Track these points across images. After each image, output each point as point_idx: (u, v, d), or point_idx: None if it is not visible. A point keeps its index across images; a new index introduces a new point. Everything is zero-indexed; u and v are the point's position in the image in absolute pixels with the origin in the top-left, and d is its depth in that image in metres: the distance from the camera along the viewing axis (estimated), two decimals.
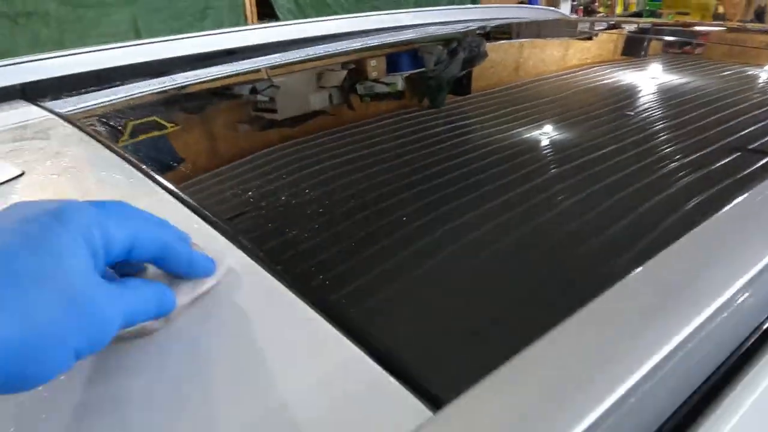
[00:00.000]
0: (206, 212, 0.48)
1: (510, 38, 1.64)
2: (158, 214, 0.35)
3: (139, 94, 1.01)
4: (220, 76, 1.14)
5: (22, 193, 0.55)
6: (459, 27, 1.68)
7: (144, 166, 0.59)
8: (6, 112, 0.91)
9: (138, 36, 3.77)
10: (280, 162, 0.65)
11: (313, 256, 0.43)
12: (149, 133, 0.80)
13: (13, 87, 1.00)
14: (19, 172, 0.58)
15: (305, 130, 0.81)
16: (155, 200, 0.51)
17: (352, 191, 0.55)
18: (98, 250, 0.27)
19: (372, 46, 1.42)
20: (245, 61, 1.26)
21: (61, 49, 1.14)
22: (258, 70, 1.21)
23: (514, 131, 0.73)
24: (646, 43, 1.54)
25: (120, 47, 1.22)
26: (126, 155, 0.63)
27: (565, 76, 1.09)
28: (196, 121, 0.92)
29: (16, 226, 0.25)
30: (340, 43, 1.41)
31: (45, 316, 0.23)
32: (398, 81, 1.14)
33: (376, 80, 1.14)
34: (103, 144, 0.68)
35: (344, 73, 1.20)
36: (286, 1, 4.56)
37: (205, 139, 0.84)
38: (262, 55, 1.29)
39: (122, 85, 1.05)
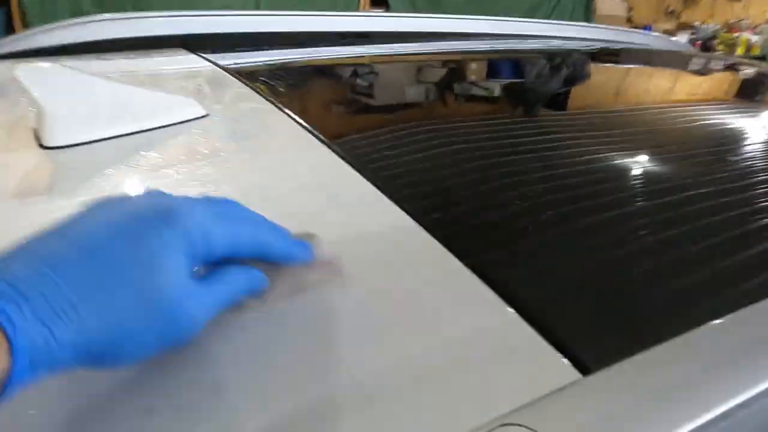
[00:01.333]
0: (354, 162, 0.54)
1: (618, 62, 1.63)
2: (319, 166, 0.40)
3: (289, 60, 1.10)
4: (361, 55, 1.22)
5: (207, 132, 0.63)
6: (574, 44, 1.68)
7: (302, 121, 0.66)
8: (173, 57, 1.02)
9: (258, 2, 3.98)
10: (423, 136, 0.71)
11: (472, 221, 0.48)
12: (300, 94, 0.88)
13: (176, 37, 1.12)
14: (204, 113, 0.66)
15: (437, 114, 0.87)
16: (315, 154, 0.58)
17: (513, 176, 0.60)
18: (197, 253, 0.28)
19: (485, 50, 1.46)
20: (374, 45, 1.33)
21: (218, 9, 1.25)
22: (389, 56, 1.28)
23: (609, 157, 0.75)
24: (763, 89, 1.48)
25: (261, 15, 1.33)
26: (286, 109, 0.71)
27: (667, 110, 1.08)
28: (341, 89, 1.00)
29: (126, 223, 0.27)
30: (458, 43, 1.46)
31: (124, 318, 0.25)
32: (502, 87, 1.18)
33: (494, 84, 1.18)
34: (268, 99, 0.76)
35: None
36: None
37: (347, 107, 0.91)
38: (393, 42, 1.36)
39: (270, 49, 1.15)
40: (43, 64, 0.56)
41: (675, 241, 0.49)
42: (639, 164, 0.69)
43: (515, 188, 0.57)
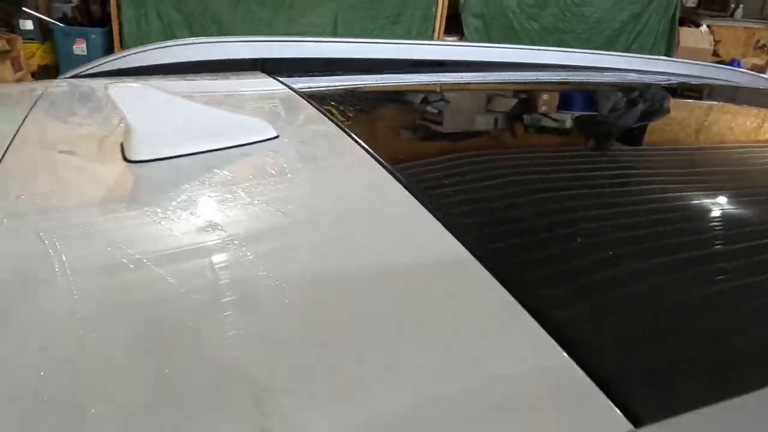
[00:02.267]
0: (412, 185, 0.54)
1: (700, 98, 1.56)
2: (378, 192, 0.40)
3: (360, 86, 1.13)
4: (432, 83, 1.23)
5: (277, 153, 0.65)
6: (658, 79, 1.62)
7: (367, 146, 0.67)
8: (251, 80, 1.07)
9: (335, 28, 4.12)
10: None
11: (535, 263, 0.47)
12: (368, 119, 0.90)
13: (254, 60, 1.17)
14: (275, 135, 0.69)
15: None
16: (376, 179, 0.59)
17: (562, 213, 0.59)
18: None
19: (561, 81, 1.43)
20: (446, 74, 1.34)
21: (292, 35, 1.30)
22: (457, 84, 1.29)
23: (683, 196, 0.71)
24: None
25: (337, 42, 1.37)
26: (353, 134, 0.72)
27: (751, 150, 1.02)
28: (410, 116, 1.02)
29: None
30: (537, 73, 1.44)
31: None
32: (578, 120, 1.15)
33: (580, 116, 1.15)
34: (336, 123, 0.78)
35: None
36: (473, 20, 4.68)
37: (414, 134, 0.93)
38: (463, 71, 1.37)
39: (343, 75, 1.18)
40: (133, 84, 0.60)
41: (754, 293, 0.46)
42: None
43: (572, 221, 0.56)
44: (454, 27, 4.63)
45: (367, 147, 0.68)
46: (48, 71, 3.61)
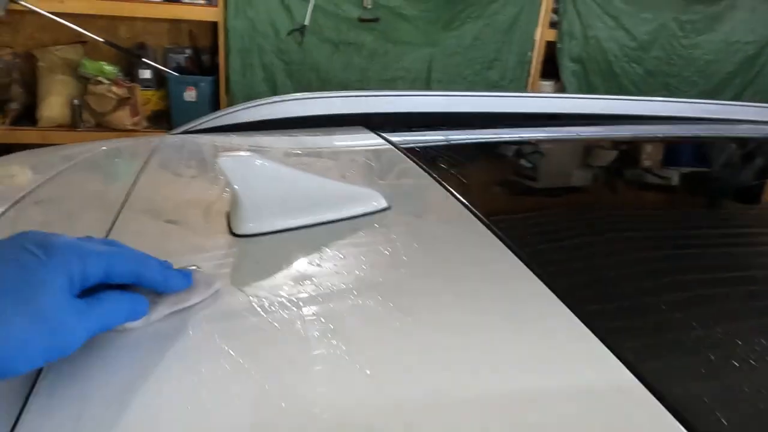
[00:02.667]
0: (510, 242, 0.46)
1: None
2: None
3: (467, 140, 1.07)
4: (540, 137, 1.15)
5: (388, 227, 0.60)
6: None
7: (485, 218, 0.61)
8: (352, 135, 1.04)
9: (429, 74, 4.13)
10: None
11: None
12: (488, 181, 0.83)
13: (357, 115, 1.15)
14: (387, 206, 0.64)
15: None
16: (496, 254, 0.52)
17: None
18: (75, 278, 0.34)
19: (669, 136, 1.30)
20: (558, 127, 1.26)
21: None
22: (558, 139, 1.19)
23: None
24: None
25: (440, 95, 1.33)
26: (462, 198, 0.66)
27: None
28: (521, 176, 0.94)
29: (14, 253, 0.33)
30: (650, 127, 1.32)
31: (13, 328, 0.30)
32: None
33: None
34: (447, 189, 0.72)
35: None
36: (571, 64, 4.54)
37: (527, 196, 0.85)
38: (573, 125, 1.27)
39: (446, 129, 1.13)
40: (242, 154, 0.57)
41: None
42: None
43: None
44: (551, 71, 4.50)
45: (487, 221, 0.61)
46: (160, 116, 3.86)
